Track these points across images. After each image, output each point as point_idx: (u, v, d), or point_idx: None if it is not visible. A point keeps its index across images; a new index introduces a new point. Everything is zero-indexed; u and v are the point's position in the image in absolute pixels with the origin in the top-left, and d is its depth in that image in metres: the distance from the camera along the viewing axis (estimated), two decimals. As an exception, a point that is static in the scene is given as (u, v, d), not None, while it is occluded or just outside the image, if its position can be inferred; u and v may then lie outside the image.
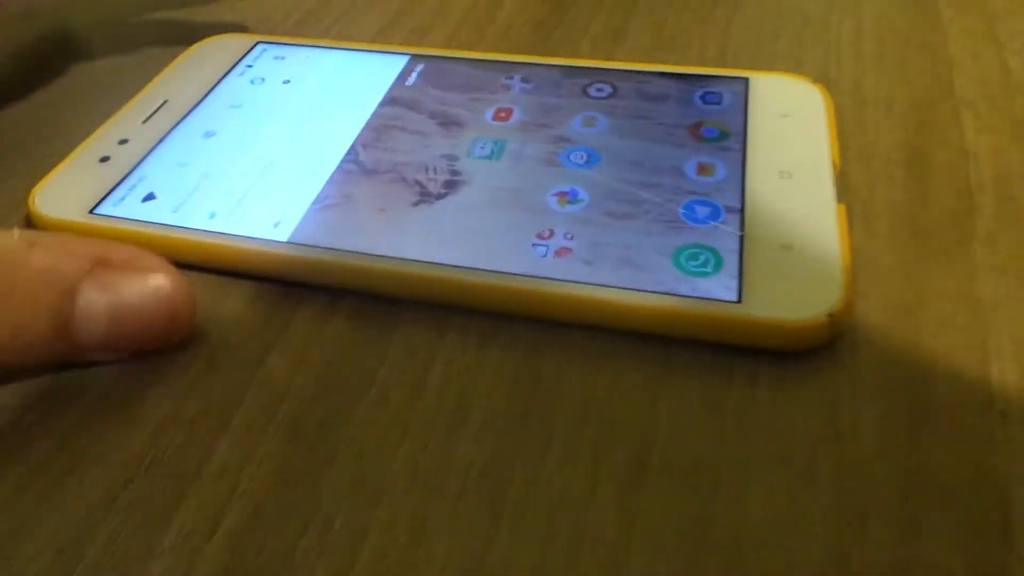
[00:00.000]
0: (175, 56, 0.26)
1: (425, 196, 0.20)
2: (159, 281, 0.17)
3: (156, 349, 0.18)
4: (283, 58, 0.26)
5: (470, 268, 0.18)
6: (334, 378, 0.17)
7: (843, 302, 0.16)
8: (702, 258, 0.18)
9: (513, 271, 0.18)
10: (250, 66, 0.26)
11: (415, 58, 0.25)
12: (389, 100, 0.24)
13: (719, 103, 0.22)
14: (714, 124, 0.21)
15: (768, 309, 0.16)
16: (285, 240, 0.19)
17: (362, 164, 0.21)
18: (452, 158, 0.21)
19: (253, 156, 0.22)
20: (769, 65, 0.25)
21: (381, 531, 0.14)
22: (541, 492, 0.15)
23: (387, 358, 0.18)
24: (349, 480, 0.15)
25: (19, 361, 0.17)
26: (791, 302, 0.16)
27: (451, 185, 0.20)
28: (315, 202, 0.20)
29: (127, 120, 0.24)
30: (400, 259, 0.18)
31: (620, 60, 0.26)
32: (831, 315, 0.16)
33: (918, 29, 0.27)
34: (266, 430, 0.16)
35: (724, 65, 0.26)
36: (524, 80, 0.24)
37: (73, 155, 0.23)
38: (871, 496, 0.14)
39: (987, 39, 0.26)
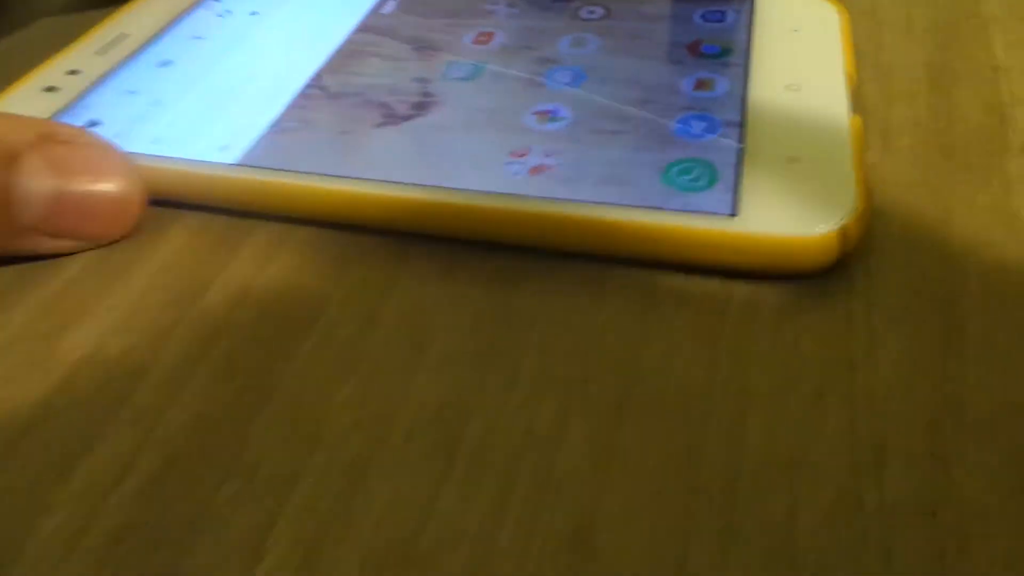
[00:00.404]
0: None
1: (391, 118, 0.18)
2: (110, 161, 0.16)
3: (100, 236, 0.16)
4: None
5: (432, 187, 0.16)
6: (277, 315, 0.15)
7: (856, 215, 0.14)
8: (695, 172, 0.15)
9: (479, 189, 0.16)
10: (218, 0, 0.24)
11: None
12: (363, 27, 0.21)
13: (721, 20, 0.20)
14: (715, 41, 0.19)
15: (768, 224, 0.14)
16: (231, 163, 0.17)
17: (327, 88, 0.19)
18: (424, 80, 0.19)
19: (209, 84, 0.20)
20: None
21: (314, 478, 0.12)
22: (502, 433, 0.13)
23: (338, 291, 0.16)
24: (282, 424, 0.13)
25: None
26: (796, 217, 0.14)
27: (421, 107, 0.18)
28: (271, 127, 0.18)
29: (79, 52, 0.22)
30: (355, 179, 0.16)
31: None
32: (842, 228, 0.14)
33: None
34: (194, 372, 0.14)
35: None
36: (509, 4, 0.22)
37: (16, 85, 0.21)
38: (891, 429, 0.12)
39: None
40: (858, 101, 0.17)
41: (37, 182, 0.15)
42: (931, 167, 0.17)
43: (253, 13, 0.23)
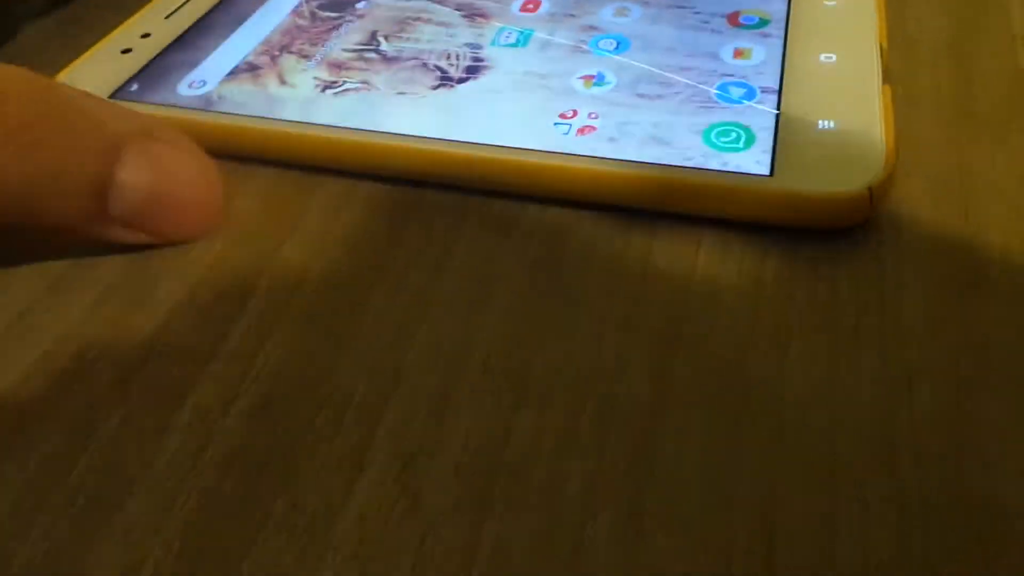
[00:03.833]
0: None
1: (446, 80, 0.19)
2: (203, 167, 0.17)
3: (180, 237, 0.17)
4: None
5: (488, 146, 0.17)
6: (350, 265, 0.17)
7: (885, 174, 0.15)
8: (734, 134, 0.17)
9: (532, 147, 0.17)
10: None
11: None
12: None
13: (759, -8, 0.21)
14: (753, 12, 0.20)
15: (804, 183, 0.15)
16: (304, 120, 0.19)
17: (383, 52, 0.21)
18: (476, 47, 0.20)
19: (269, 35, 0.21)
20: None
21: (400, 407, 0.14)
22: (568, 367, 0.14)
23: (404, 244, 0.17)
24: (366, 361, 0.15)
25: (43, 211, 0.15)
26: (829, 176, 0.15)
27: (473, 71, 0.20)
28: (331, 87, 0.20)
29: (151, 16, 0.23)
30: (416, 137, 0.18)
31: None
32: (871, 187, 0.15)
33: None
34: (279, 319, 0.16)
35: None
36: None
37: (95, 48, 0.22)
38: (920, 360, 0.14)
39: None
40: (889, 72, 0.18)
41: (135, 177, 0.15)
42: (953, 128, 0.18)
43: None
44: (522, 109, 0.18)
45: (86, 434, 0.14)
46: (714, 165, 0.16)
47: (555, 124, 0.18)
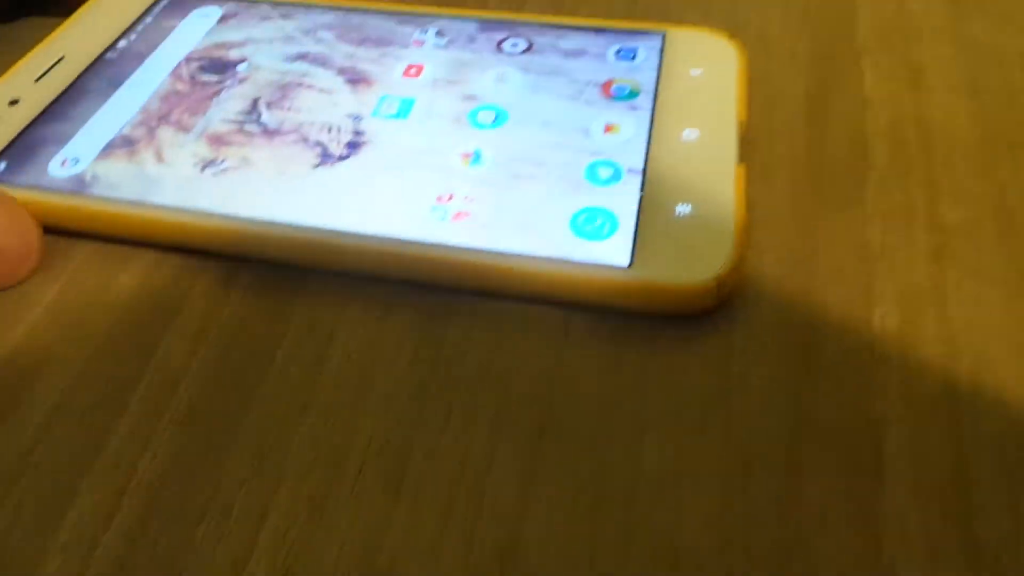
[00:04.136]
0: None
1: (326, 157, 0.20)
2: (14, 218, 0.18)
3: (6, 281, 0.18)
4: (194, 8, 0.25)
5: (366, 235, 0.18)
6: (232, 360, 0.17)
7: (731, 266, 0.17)
8: (599, 221, 0.18)
9: (411, 237, 0.18)
10: (150, 19, 0.24)
11: (324, 9, 0.24)
12: (296, 56, 0.23)
13: (633, 59, 0.22)
14: (625, 81, 0.21)
15: (659, 273, 0.16)
16: (178, 205, 0.19)
17: (264, 125, 0.21)
18: (357, 117, 0.21)
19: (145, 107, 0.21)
20: (679, 13, 0.25)
21: (280, 515, 0.15)
22: (440, 464, 0.15)
23: (287, 334, 0.17)
24: (249, 463, 0.15)
25: None
26: (682, 266, 0.17)
27: (353, 146, 0.20)
28: (210, 165, 0.20)
29: (19, 78, 0.22)
30: (296, 226, 0.18)
31: (530, 10, 0.25)
32: (717, 279, 0.16)
33: (826, -28, 0.27)
34: (163, 416, 0.16)
35: (634, 11, 0.25)
36: (439, 34, 0.23)
37: None
38: (757, 444, 0.15)
39: (892, -17, 0.26)
40: (745, 149, 0.19)
41: None
42: (802, 201, 0.19)
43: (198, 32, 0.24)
44: (401, 191, 0.19)
45: (-38, 558, 0.14)
46: (578, 256, 0.17)
47: (432, 208, 0.18)
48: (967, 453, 0.15)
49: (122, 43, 0.24)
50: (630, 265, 0.17)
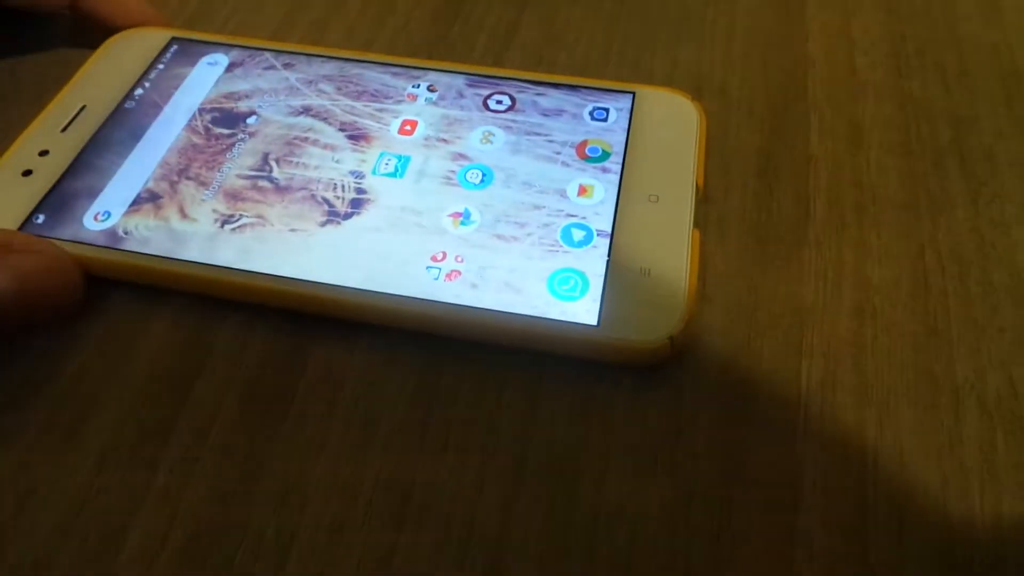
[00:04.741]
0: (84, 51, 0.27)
1: (333, 216, 0.22)
2: (58, 264, 0.21)
3: (47, 325, 0.21)
4: (202, 56, 0.27)
5: (369, 292, 0.20)
6: (258, 400, 0.20)
7: (682, 326, 0.19)
8: (572, 282, 0.21)
9: (408, 294, 0.20)
10: (162, 66, 0.26)
11: (323, 60, 0.26)
12: (301, 110, 0.25)
13: (605, 119, 0.24)
14: (597, 143, 0.24)
15: (621, 332, 0.19)
16: (201, 261, 0.21)
17: (275, 181, 0.23)
18: (359, 175, 0.23)
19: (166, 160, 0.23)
20: (648, 64, 0.28)
21: (305, 539, 0.18)
22: (437, 494, 0.18)
23: (303, 378, 0.20)
24: (276, 497, 0.18)
25: None
26: (641, 325, 0.20)
27: (357, 204, 0.22)
28: (228, 221, 0.22)
29: (45, 129, 0.24)
30: (306, 282, 0.21)
31: (513, 55, 0.28)
32: (671, 338, 0.19)
33: (783, 27, 0.29)
34: (201, 451, 0.19)
35: (608, 63, 0.28)
36: (430, 89, 0.25)
37: None
38: (699, 480, 0.18)
39: (842, 37, 0.29)
40: (700, 211, 0.22)
41: (2, 286, 0.19)
42: (749, 257, 0.22)
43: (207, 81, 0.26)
44: (399, 251, 0.21)
45: (39, 578, 0.17)
46: (554, 314, 0.20)
47: (427, 268, 0.21)
48: (867, 488, 0.18)
49: (138, 91, 0.26)
50: (598, 324, 0.20)
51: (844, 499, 0.18)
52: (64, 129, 0.25)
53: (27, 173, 0.23)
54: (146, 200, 0.23)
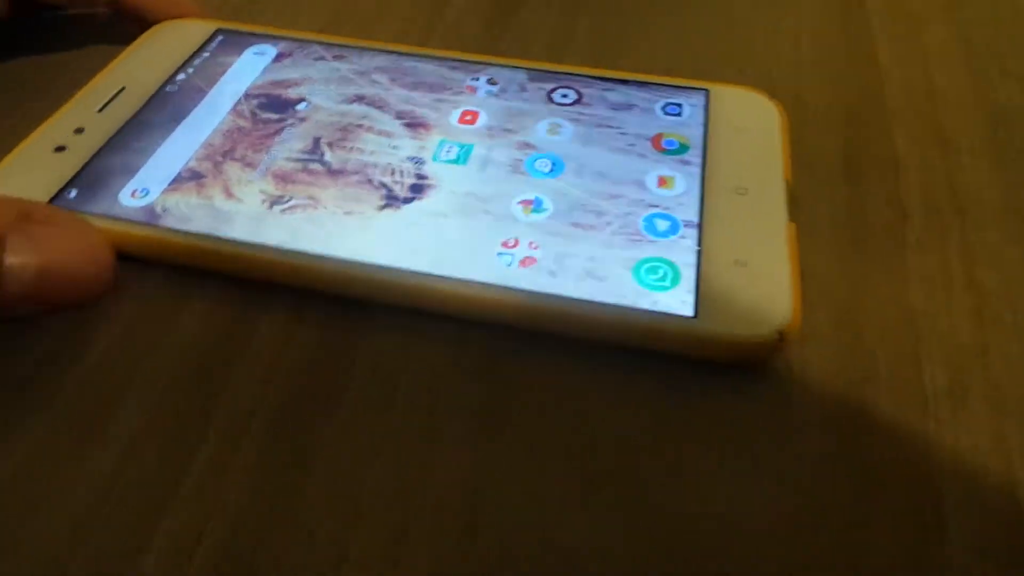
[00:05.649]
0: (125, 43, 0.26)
1: (392, 200, 0.20)
2: (85, 239, 0.18)
3: (71, 306, 0.18)
4: (248, 46, 0.25)
5: (435, 276, 0.18)
6: (304, 392, 0.17)
7: (791, 320, 0.17)
8: (661, 272, 0.18)
9: (478, 279, 0.18)
10: (207, 54, 0.25)
11: (375, 53, 0.25)
12: (354, 98, 0.23)
13: (679, 115, 0.23)
14: (674, 136, 0.22)
15: (723, 325, 0.17)
16: (249, 240, 0.19)
17: (327, 164, 0.21)
18: (419, 161, 0.21)
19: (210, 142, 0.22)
20: (713, 73, 0.26)
21: (361, 545, 0.15)
22: (510, 502, 0.16)
23: (356, 370, 0.18)
24: (327, 497, 0.16)
25: None
26: (744, 318, 0.17)
27: (417, 189, 0.21)
28: (278, 202, 0.20)
29: (82, 107, 0.23)
30: (366, 264, 0.19)
31: (569, 62, 0.26)
32: (780, 333, 0.17)
33: (850, 40, 0.28)
34: (237, 453, 0.16)
35: (670, 71, 0.26)
36: (490, 82, 0.24)
37: (25, 144, 0.22)
38: (821, 493, 0.16)
39: (915, 47, 0.28)
40: (793, 206, 0.20)
41: (22, 259, 0.17)
42: (846, 258, 0.20)
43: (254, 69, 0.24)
44: (466, 237, 0.19)
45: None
46: (644, 304, 0.18)
47: (499, 254, 0.19)
48: (1022, 507, 0.15)
49: (180, 76, 0.24)
50: (695, 316, 0.17)
51: (995, 518, 0.15)
52: (101, 109, 0.23)
53: (60, 149, 0.22)
54: (188, 179, 0.21)
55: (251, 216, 0.20)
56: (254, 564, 0.15)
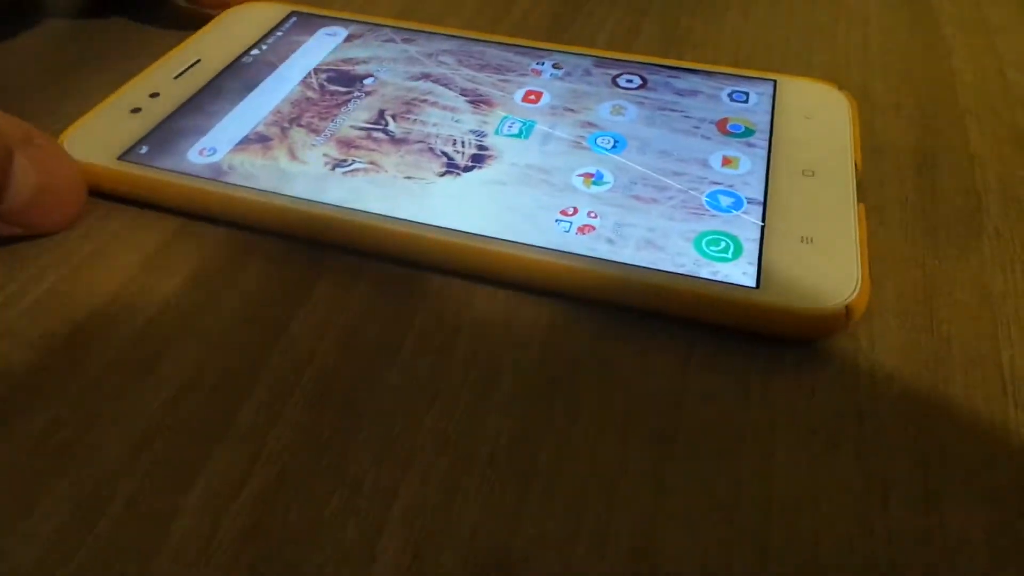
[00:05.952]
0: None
1: (452, 167, 0.20)
2: (70, 166, 0.19)
3: (47, 231, 0.19)
4: (320, 28, 0.26)
5: (492, 238, 0.18)
6: (359, 346, 0.17)
7: (860, 293, 0.17)
8: (723, 244, 0.18)
9: (535, 243, 0.18)
10: (280, 33, 0.26)
11: (444, 37, 0.25)
12: (420, 75, 0.24)
13: (746, 102, 0.23)
14: (740, 120, 0.22)
15: (786, 297, 0.17)
16: (308, 198, 0.19)
17: (391, 133, 0.22)
18: (480, 134, 0.21)
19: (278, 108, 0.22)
20: (780, 69, 0.26)
21: (410, 495, 0.15)
22: (571, 461, 0.15)
23: (412, 327, 0.18)
24: (378, 445, 0.15)
25: None
26: (810, 292, 0.17)
27: (478, 159, 0.21)
28: (340, 165, 0.20)
29: (159, 75, 0.24)
30: (425, 225, 0.19)
31: (639, 52, 0.26)
32: (848, 305, 0.17)
33: (920, 43, 0.28)
34: (291, 395, 0.16)
35: (737, 65, 0.26)
36: (555, 67, 0.24)
37: (103, 104, 0.22)
38: (894, 469, 0.15)
39: (988, 51, 0.27)
40: (863, 189, 0.20)
41: (24, 178, 0.17)
42: (918, 244, 0.20)
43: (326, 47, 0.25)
44: (525, 204, 0.19)
45: (93, 514, 0.14)
46: (705, 273, 0.17)
47: (557, 221, 0.19)
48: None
49: (254, 52, 0.25)
50: (757, 287, 0.17)
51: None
52: (177, 77, 0.24)
53: (136, 111, 0.22)
54: (254, 141, 0.21)
55: (313, 176, 0.20)
56: (297, 508, 0.14)
